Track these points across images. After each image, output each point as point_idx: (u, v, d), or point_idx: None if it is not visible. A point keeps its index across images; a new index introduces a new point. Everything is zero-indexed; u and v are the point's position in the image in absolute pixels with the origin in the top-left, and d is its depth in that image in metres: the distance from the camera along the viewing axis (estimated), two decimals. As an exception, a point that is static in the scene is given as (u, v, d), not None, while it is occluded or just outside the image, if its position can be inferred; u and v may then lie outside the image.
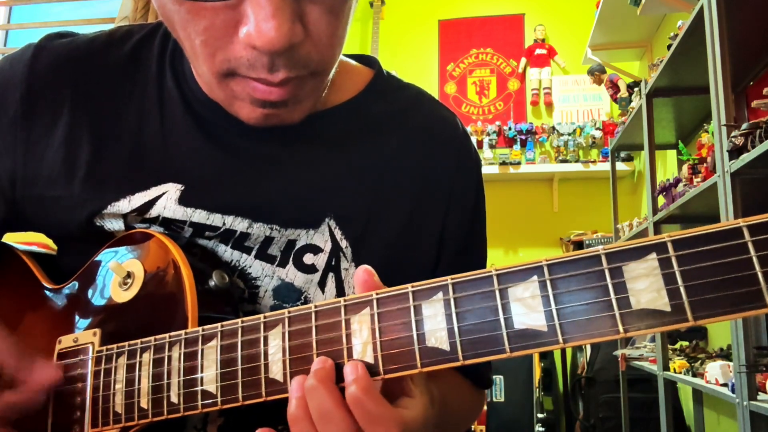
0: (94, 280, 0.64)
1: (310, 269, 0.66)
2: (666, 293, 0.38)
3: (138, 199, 0.63)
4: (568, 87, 4.04)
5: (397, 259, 0.68)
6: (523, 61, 4.12)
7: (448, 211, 0.71)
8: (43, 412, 0.62)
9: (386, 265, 0.59)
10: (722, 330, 2.49)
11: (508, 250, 3.91)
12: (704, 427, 2.66)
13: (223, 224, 0.64)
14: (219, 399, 0.51)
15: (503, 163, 3.82)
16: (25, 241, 0.74)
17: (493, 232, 0.79)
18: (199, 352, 0.53)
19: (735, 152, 1.49)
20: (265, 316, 0.51)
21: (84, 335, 0.62)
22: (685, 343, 2.41)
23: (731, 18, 1.59)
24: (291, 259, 0.65)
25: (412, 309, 0.45)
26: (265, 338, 0.50)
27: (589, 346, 3.21)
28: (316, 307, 0.49)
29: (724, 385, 1.70)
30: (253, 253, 0.65)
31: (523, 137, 3.96)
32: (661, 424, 2.26)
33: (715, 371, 1.76)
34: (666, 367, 2.21)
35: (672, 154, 3.04)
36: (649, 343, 2.63)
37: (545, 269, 0.41)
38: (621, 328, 0.38)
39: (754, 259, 0.36)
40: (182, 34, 0.55)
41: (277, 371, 0.49)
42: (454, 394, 0.69)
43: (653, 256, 0.38)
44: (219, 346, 0.52)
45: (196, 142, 0.65)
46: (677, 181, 2.08)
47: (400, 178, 0.69)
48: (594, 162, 3.79)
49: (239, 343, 0.51)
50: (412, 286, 0.46)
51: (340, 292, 0.66)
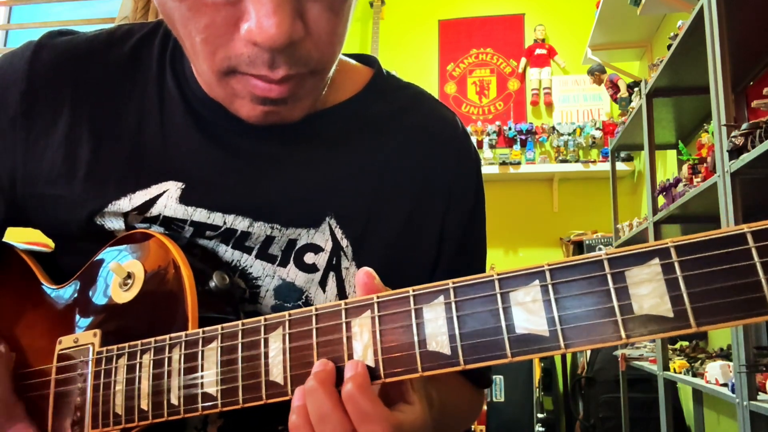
0: (95, 280, 0.64)
1: (311, 269, 0.66)
2: (669, 299, 0.37)
3: (139, 198, 0.63)
4: (568, 87, 4.04)
5: (397, 258, 0.67)
6: (523, 61, 4.12)
7: (448, 211, 0.71)
8: (44, 413, 0.62)
9: (386, 265, 0.59)
10: (722, 330, 2.49)
11: (508, 250, 3.91)
12: (704, 427, 2.66)
13: (224, 223, 0.64)
14: (219, 401, 0.51)
15: (503, 163, 3.81)
16: (25, 241, 0.74)
17: (493, 232, 0.79)
18: (200, 353, 0.53)
19: (735, 152, 1.48)
20: (266, 319, 0.51)
21: (84, 336, 0.62)
22: (685, 343, 2.41)
23: (731, 18, 1.59)
24: (292, 259, 0.65)
25: (413, 312, 0.45)
26: (266, 340, 0.50)
27: (588, 346, 3.20)
28: (317, 309, 0.49)
29: (724, 385, 1.70)
30: (254, 252, 0.65)
31: (523, 137, 3.95)
32: (661, 424, 2.26)
33: (715, 371, 1.76)
34: (666, 367, 2.21)
35: (672, 154, 3.04)
36: (649, 344, 2.63)
37: (547, 274, 0.41)
38: (623, 334, 0.38)
39: (758, 266, 0.35)
40: (183, 32, 0.55)
41: (277, 374, 0.49)
42: (454, 395, 0.69)
43: (656, 261, 0.38)
44: (219, 348, 0.52)
45: (197, 141, 0.65)
46: (677, 181, 2.08)
47: (400, 178, 0.69)
48: (594, 162, 3.79)
49: (239, 345, 0.51)
50: (413, 290, 0.46)
51: (341, 291, 0.66)
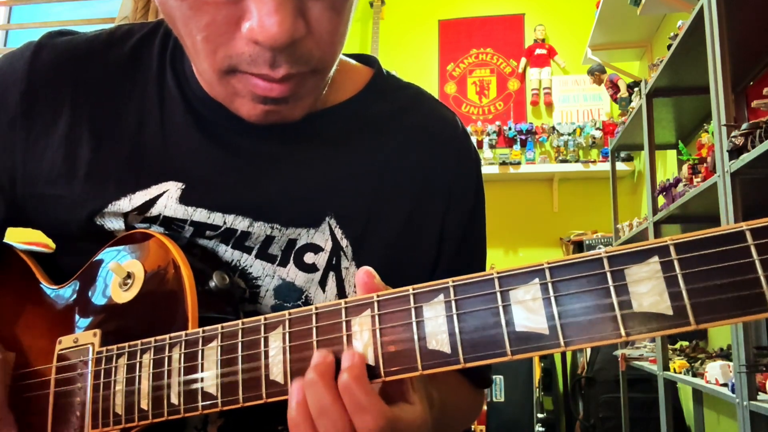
0: (95, 280, 0.64)
1: (311, 268, 0.66)
2: (668, 297, 0.37)
3: (139, 198, 0.63)
4: (568, 87, 4.04)
5: (397, 258, 0.67)
6: (523, 61, 4.12)
7: (448, 211, 0.71)
8: (44, 413, 0.62)
9: (386, 265, 0.59)
10: (722, 330, 2.49)
11: (508, 250, 3.91)
12: (704, 427, 2.66)
13: (224, 223, 0.64)
14: (219, 400, 0.51)
15: (503, 163, 3.81)
16: (25, 240, 0.74)
17: (493, 232, 0.79)
18: (200, 353, 0.53)
19: (735, 152, 1.49)
20: (266, 318, 0.51)
21: (84, 336, 0.62)
22: (685, 343, 2.41)
23: (731, 18, 1.59)
24: (292, 259, 0.65)
25: (413, 311, 0.45)
26: (266, 339, 0.50)
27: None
28: (317, 308, 0.49)
29: (724, 385, 1.70)
30: (254, 252, 0.65)
31: (523, 137, 3.95)
32: (661, 424, 2.26)
33: (715, 371, 1.76)
34: (666, 367, 2.21)
35: (672, 154, 3.04)
36: (649, 343, 2.63)
37: (547, 272, 0.41)
38: (623, 332, 0.38)
39: (757, 263, 0.35)
40: (183, 31, 0.55)
41: (277, 373, 0.49)
42: (454, 395, 0.69)
43: (655, 259, 0.38)
44: (219, 347, 0.52)
45: (197, 141, 0.65)
46: (677, 181, 2.08)
47: (400, 178, 0.69)
48: (594, 162, 3.79)
49: (239, 345, 0.51)
50: (413, 288, 0.46)
51: (341, 291, 0.66)
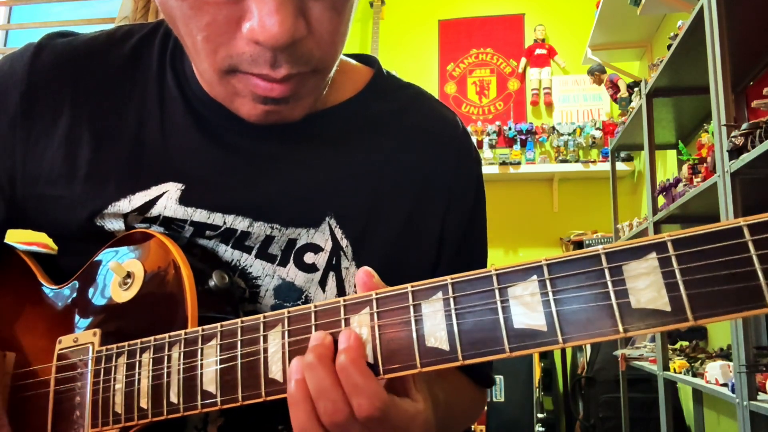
0: (95, 280, 0.64)
1: (311, 268, 0.66)
2: (666, 293, 0.37)
3: (138, 199, 0.63)
4: (568, 87, 4.04)
5: (397, 258, 0.67)
6: (523, 61, 4.12)
7: (448, 211, 0.71)
8: (44, 412, 0.62)
9: (386, 265, 0.59)
10: (722, 330, 2.49)
11: (508, 250, 3.91)
12: (704, 427, 2.66)
13: (224, 223, 0.64)
14: (219, 399, 0.51)
15: (503, 163, 3.81)
16: (26, 241, 0.74)
17: (493, 232, 0.79)
18: (199, 351, 0.53)
19: (735, 152, 1.49)
20: (265, 316, 0.51)
21: (84, 335, 0.62)
22: (685, 343, 2.41)
23: (731, 18, 1.59)
24: (291, 259, 0.65)
25: (412, 308, 0.45)
26: (265, 338, 0.50)
27: (589, 346, 3.21)
28: (316, 306, 0.49)
29: (724, 385, 1.70)
30: (254, 252, 0.65)
31: (523, 137, 3.95)
32: (661, 424, 2.26)
33: (715, 371, 1.76)
34: (666, 367, 2.21)
35: (672, 154, 3.04)
36: (649, 343, 2.63)
37: (545, 269, 0.41)
38: (621, 328, 0.38)
39: (755, 259, 0.35)
40: (184, 31, 0.55)
41: (276, 371, 0.49)
42: (458, 395, 0.70)
43: (653, 255, 0.38)
44: (218, 346, 0.52)
45: (197, 141, 0.65)
46: (677, 181, 2.08)
47: (400, 178, 0.69)
48: (594, 162, 3.79)
49: (239, 343, 0.51)
50: (412, 286, 0.46)
51: (341, 291, 0.66)
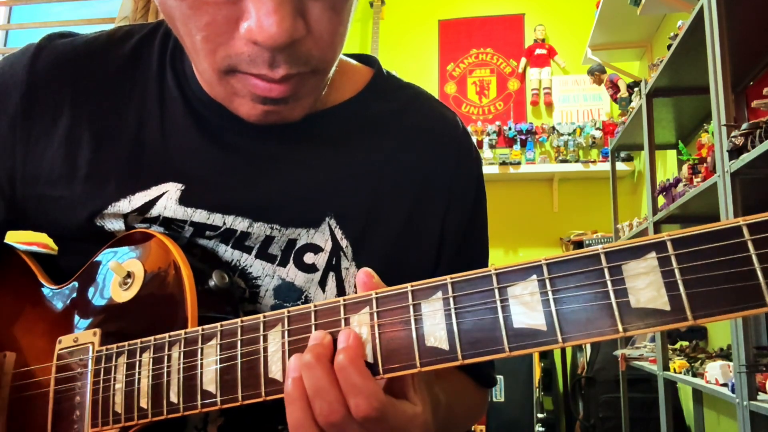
0: (95, 280, 0.64)
1: (311, 268, 0.66)
2: (665, 292, 0.37)
3: (138, 199, 0.63)
4: (568, 87, 4.04)
5: (397, 258, 0.67)
6: (523, 61, 4.12)
7: (448, 211, 0.71)
8: (44, 412, 0.62)
9: (386, 265, 0.59)
10: (722, 330, 2.49)
11: (508, 250, 3.91)
12: (704, 427, 2.66)
13: (224, 224, 0.64)
14: (218, 398, 0.51)
15: (503, 163, 3.81)
16: (26, 241, 0.74)
17: (493, 232, 0.79)
18: (199, 351, 0.53)
19: (735, 152, 1.49)
20: (265, 316, 0.51)
21: (84, 335, 0.62)
22: (685, 343, 2.41)
23: (731, 18, 1.59)
24: (291, 259, 0.65)
25: (412, 308, 0.45)
26: (265, 337, 0.50)
27: (588, 346, 3.21)
28: (316, 306, 0.49)
29: (724, 385, 1.70)
30: (254, 252, 0.65)
31: (523, 137, 3.95)
32: (661, 424, 2.26)
33: (715, 371, 1.76)
34: (666, 367, 2.21)
35: (672, 154, 3.04)
36: (649, 343, 2.63)
37: (544, 268, 0.41)
38: (620, 327, 0.38)
39: (754, 258, 0.35)
40: (183, 30, 0.55)
41: (276, 371, 0.49)
42: (459, 396, 0.69)
43: (653, 254, 0.38)
44: (218, 346, 0.52)
45: (197, 141, 0.65)
46: (677, 181, 2.08)
47: (400, 178, 0.69)
48: (594, 162, 3.79)
49: (239, 343, 0.51)
50: (412, 286, 0.46)
51: (341, 291, 0.66)
